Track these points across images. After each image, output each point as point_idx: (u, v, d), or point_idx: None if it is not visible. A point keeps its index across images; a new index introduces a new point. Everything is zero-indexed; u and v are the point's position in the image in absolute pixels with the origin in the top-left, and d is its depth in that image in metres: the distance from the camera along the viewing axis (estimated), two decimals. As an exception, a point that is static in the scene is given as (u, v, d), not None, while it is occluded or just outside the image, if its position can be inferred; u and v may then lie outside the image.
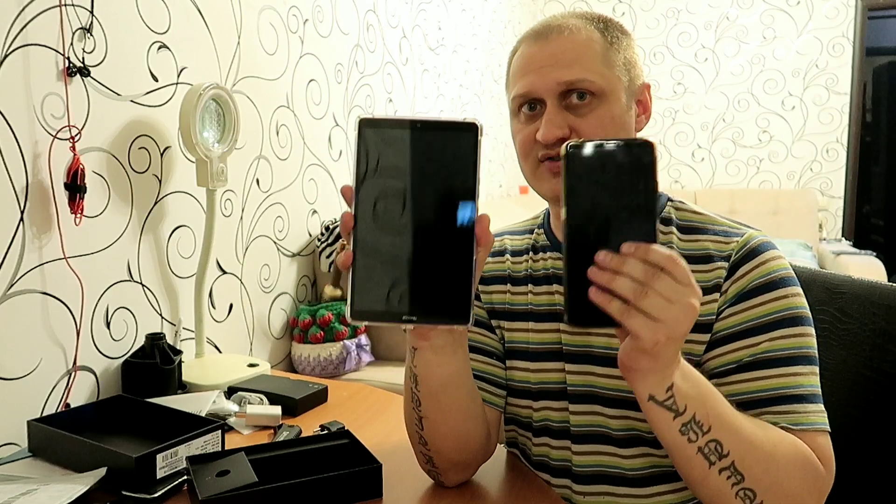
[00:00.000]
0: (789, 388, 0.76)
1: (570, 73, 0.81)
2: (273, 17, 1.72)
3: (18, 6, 1.07)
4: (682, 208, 0.88)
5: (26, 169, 1.09)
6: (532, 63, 0.84)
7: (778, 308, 0.78)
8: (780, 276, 0.80)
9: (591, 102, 0.82)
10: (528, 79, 0.83)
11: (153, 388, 1.20)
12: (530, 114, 0.84)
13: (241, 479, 0.80)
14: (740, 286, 0.80)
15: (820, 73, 3.92)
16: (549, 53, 0.83)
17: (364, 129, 0.63)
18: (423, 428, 0.81)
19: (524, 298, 0.92)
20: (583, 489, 0.87)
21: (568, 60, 0.82)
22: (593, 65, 0.82)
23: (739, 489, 0.70)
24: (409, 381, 0.79)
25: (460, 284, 0.63)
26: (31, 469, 0.93)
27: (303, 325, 1.73)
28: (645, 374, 0.66)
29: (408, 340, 0.75)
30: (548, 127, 0.81)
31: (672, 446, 0.70)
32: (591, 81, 0.81)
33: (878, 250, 3.72)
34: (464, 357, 0.77)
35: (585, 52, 0.82)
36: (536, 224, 0.97)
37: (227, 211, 1.57)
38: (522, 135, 0.85)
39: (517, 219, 1.04)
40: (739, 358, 0.78)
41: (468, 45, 3.14)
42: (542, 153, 0.83)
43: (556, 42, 0.83)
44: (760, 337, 0.78)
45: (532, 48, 0.85)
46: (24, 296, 1.09)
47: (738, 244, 0.82)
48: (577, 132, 0.81)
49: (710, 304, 0.81)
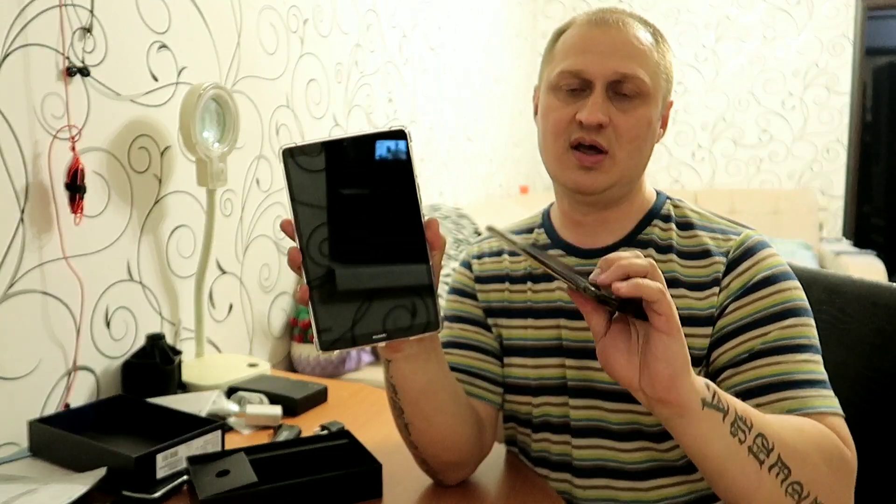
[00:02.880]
0: (803, 373, 0.76)
1: (629, 66, 0.81)
2: (273, 16, 1.72)
3: (18, 6, 1.07)
4: (680, 206, 0.90)
5: (26, 169, 1.09)
6: (590, 44, 0.83)
7: (783, 299, 0.80)
8: (779, 271, 0.82)
9: (635, 101, 0.82)
10: (584, 57, 0.83)
11: (153, 388, 1.20)
12: (572, 94, 0.84)
13: (241, 479, 0.80)
14: (743, 281, 0.81)
15: (820, 73, 3.92)
16: (610, 40, 0.83)
17: (288, 160, 0.61)
18: (409, 434, 0.82)
19: (523, 296, 0.93)
20: (583, 483, 0.87)
21: (627, 52, 0.82)
22: (647, 65, 0.83)
23: (788, 485, 0.67)
24: (389, 391, 0.79)
25: (422, 293, 0.62)
26: (31, 469, 0.93)
27: (303, 325, 1.73)
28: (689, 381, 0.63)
29: (381, 353, 0.74)
30: (593, 108, 0.80)
31: (725, 455, 0.66)
32: (642, 80, 0.82)
33: (879, 250, 3.72)
34: (438, 363, 0.77)
35: (643, 51, 0.83)
36: (536, 223, 0.98)
37: (227, 211, 1.57)
38: (559, 114, 0.84)
39: (517, 219, 1.04)
40: (752, 347, 0.79)
41: (468, 45, 3.14)
42: (575, 136, 0.83)
43: (617, 32, 0.83)
44: (770, 326, 0.79)
45: (592, 31, 0.84)
46: (24, 296, 1.09)
47: (736, 242, 0.84)
48: (616, 125, 0.82)
49: (709, 299, 0.82)
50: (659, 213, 0.89)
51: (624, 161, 0.83)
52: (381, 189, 0.62)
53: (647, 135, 0.84)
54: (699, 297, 0.83)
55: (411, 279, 0.62)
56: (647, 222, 0.88)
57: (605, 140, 0.82)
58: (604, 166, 0.82)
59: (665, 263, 0.85)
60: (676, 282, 0.84)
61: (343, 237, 0.62)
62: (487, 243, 0.99)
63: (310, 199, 0.61)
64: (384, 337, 0.62)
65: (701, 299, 0.82)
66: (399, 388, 0.77)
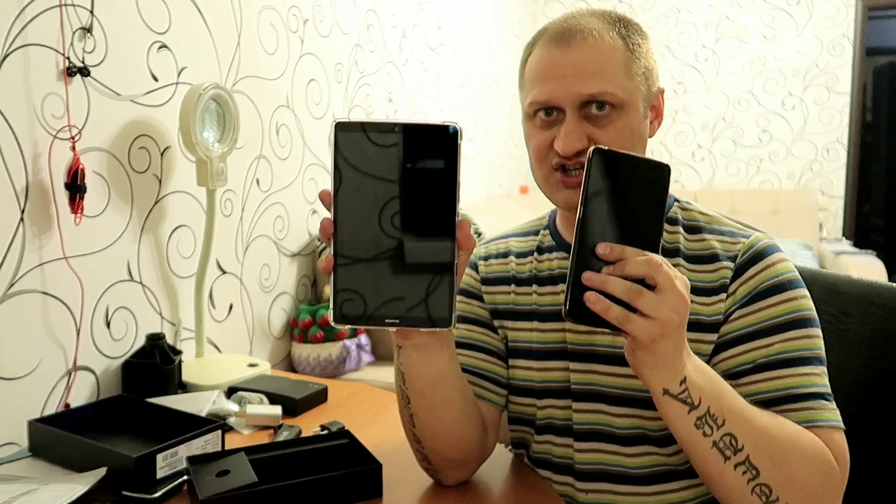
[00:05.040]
0: (805, 387, 0.76)
1: (593, 86, 0.79)
2: (273, 16, 1.72)
3: (18, 6, 1.07)
4: (688, 208, 0.89)
5: (26, 169, 1.09)
6: (553, 69, 0.81)
7: (789, 309, 0.79)
8: (788, 279, 0.80)
9: (611, 114, 0.81)
10: (547, 86, 0.81)
11: (153, 388, 1.20)
12: (547, 119, 0.83)
13: (241, 479, 0.80)
14: (749, 287, 0.80)
15: (820, 73, 3.92)
16: (572, 61, 0.80)
17: (340, 133, 0.62)
18: (414, 425, 0.81)
19: (529, 299, 0.92)
20: (585, 486, 0.87)
21: (590, 71, 0.80)
22: (616, 77, 0.80)
23: (755, 485, 0.70)
24: (398, 377, 0.79)
25: (442, 289, 0.63)
26: (31, 469, 0.93)
27: (303, 325, 1.73)
28: (652, 370, 0.67)
29: (392, 338, 0.75)
30: (567, 140, 0.80)
31: (687, 442, 0.71)
32: (612, 94, 0.80)
33: (879, 250, 3.72)
34: (450, 357, 0.77)
35: (608, 62, 0.80)
36: (542, 225, 0.98)
37: (227, 211, 1.57)
38: (537, 140, 0.84)
39: (517, 219, 1.04)
40: (754, 359, 0.78)
41: (468, 45, 3.14)
42: (556, 161, 0.82)
43: (579, 50, 0.81)
44: (774, 338, 0.78)
45: (553, 53, 0.82)
46: (24, 296, 1.09)
47: (744, 245, 0.82)
48: (596, 142, 0.80)
49: (716, 305, 0.81)
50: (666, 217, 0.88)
51: None
52: (423, 179, 0.62)
53: (632, 142, 0.82)
54: (706, 303, 0.82)
55: (434, 273, 0.63)
56: None
57: None
58: None
59: None
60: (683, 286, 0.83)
61: (376, 218, 0.62)
62: (494, 245, 0.99)
63: (352, 176, 0.62)
64: (396, 323, 0.63)
65: (708, 305, 0.81)
66: (407, 377, 0.77)
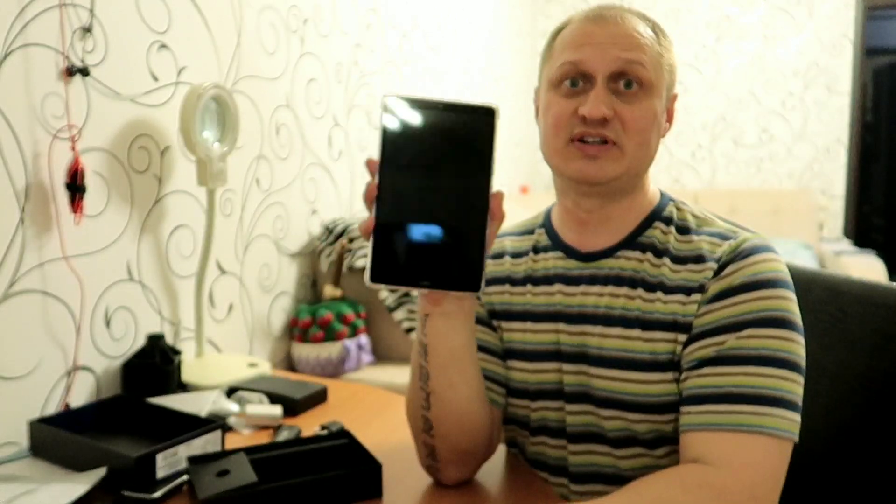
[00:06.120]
0: (747, 388, 0.74)
1: (630, 54, 0.80)
2: (273, 16, 1.72)
3: (18, 6, 1.07)
4: (682, 209, 0.89)
5: (26, 169, 1.09)
6: (590, 37, 0.82)
7: (756, 308, 0.76)
8: (766, 278, 0.78)
9: (638, 93, 0.81)
10: (583, 50, 0.81)
11: (153, 388, 1.20)
12: (572, 89, 0.82)
13: (241, 479, 0.80)
14: (722, 285, 0.79)
15: (820, 73, 3.92)
16: (609, 33, 0.82)
17: (389, 107, 0.68)
18: (429, 408, 0.81)
19: (522, 299, 0.92)
20: (579, 488, 0.87)
21: (627, 44, 0.81)
22: (648, 55, 0.82)
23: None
24: (419, 356, 0.80)
25: (473, 255, 0.68)
26: (31, 469, 0.93)
27: (303, 325, 1.73)
28: None
29: (419, 308, 0.77)
30: (595, 102, 0.79)
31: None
32: (645, 69, 0.81)
33: (879, 250, 3.72)
34: (472, 330, 0.79)
35: (643, 42, 0.82)
36: (537, 224, 0.97)
37: (227, 211, 1.57)
38: (559, 108, 0.82)
39: (517, 219, 1.03)
40: (705, 354, 0.77)
41: (468, 45, 3.14)
42: (578, 130, 0.81)
43: (616, 26, 0.82)
44: (728, 335, 0.76)
45: (590, 26, 0.83)
46: (24, 296, 1.09)
47: (730, 246, 0.81)
48: (621, 118, 0.80)
49: (690, 305, 0.80)
50: (661, 216, 0.87)
51: (633, 152, 0.81)
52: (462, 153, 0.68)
53: (654, 127, 0.83)
54: (683, 302, 0.80)
55: (466, 240, 0.68)
56: (649, 224, 0.87)
57: (613, 133, 0.80)
58: (611, 155, 0.81)
59: (658, 268, 0.84)
60: (662, 286, 0.82)
61: (417, 187, 0.68)
62: None
63: (397, 146, 0.68)
64: (428, 284, 0.68)
65: (684, 304, 0.80)
66: (431, 349, 0.78)
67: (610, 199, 0.86)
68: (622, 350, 0.83)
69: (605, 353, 0.84)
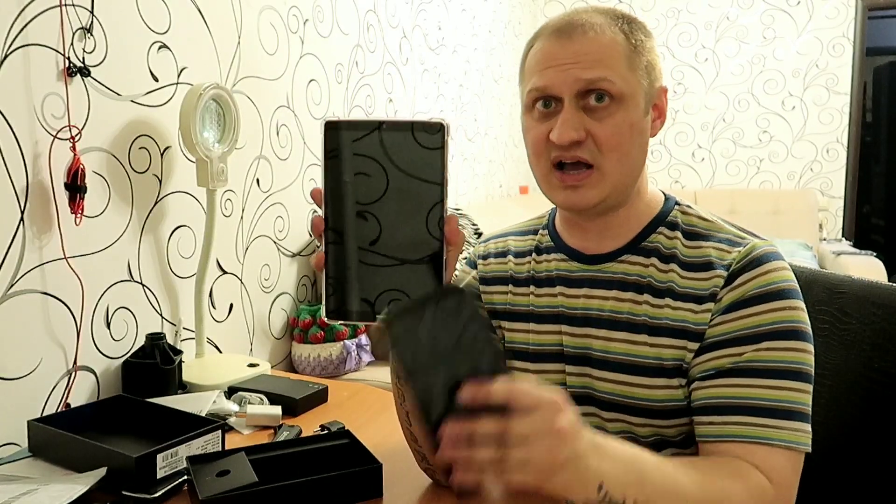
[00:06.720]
0: (768, 400, 0.74)
1: (593, 72, 0.79)
2: (273, 17, 1.72)
3: (18, 6, 1.07)
4: (689, 213, 0.87)
5: (26, 169, 1.09)
6: (552, 59, 0.81)
7: (771, 320, 0.77)
8: (779, 288, 0.78)
9: (610, 106, 0.79)
10: (546, 74, 0.81)
11: (153, 388, 1.20)
12: (545, 111, 0.82)
13: (241, 479, 0.80)
14: (736, 295, 0.78)
15: (820, 73, 3.92)
16: (572, 52, 0.80)
17: (329, 132, 0.63)
18: (411, 423, 0.82)
19: (525, 299, 0.92)
20: None
21: (590, 61, 0.79)
22: (616, 67, 0.79)
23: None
24: (394, 376, 0.80)
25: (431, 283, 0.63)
26: (31, 469, 0.93)
27: (303, 325, 1.73)
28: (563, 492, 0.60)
29: None
30: (563, 128, 0.78)
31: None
32: (611, 82, 0.79)
33: (879, 250, 3.72)
34: None
35: (609, 53, 0.80)
36: (541, 224, 0.96)
37: (227, 211, 1.57)
38: (535, 132, 0.83)
39: (517, 219, 1.03)
40: (721, 365, 0.77)
41: (468, 45, 3.14)
42: (555, 155, 0.81)
43: (580, 41, 0.80)
44: (746, 347, 0.76)
45: (553, 45, 0.82)
46: (24, 296, 1.09)
47: (740, 254, 0.80)
48: (594, 136, 0.79)
49: (702, 314, 0.79)
50: (665, 220, 0.86)
51: (613, 172, 0.80)
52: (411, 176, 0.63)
53: (632, 138, 0.81)
54: (694, 310, 0.80)
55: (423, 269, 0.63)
56: (653, 229, 0.86)
57: (588, 154, 0.79)
58: (591, 181, 0.80)
59: (666, 273, 0.83)
60: (671, 292, 0.82)
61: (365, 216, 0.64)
62: (493, 243, 0.98)
63: (341, 174, 0.64)
64: None
65: (696, 313, 0.80)
66: None
67: (604, 213, 0.85)
68: (627, 354, 0.83)
69: (610, 356, 0.84)
